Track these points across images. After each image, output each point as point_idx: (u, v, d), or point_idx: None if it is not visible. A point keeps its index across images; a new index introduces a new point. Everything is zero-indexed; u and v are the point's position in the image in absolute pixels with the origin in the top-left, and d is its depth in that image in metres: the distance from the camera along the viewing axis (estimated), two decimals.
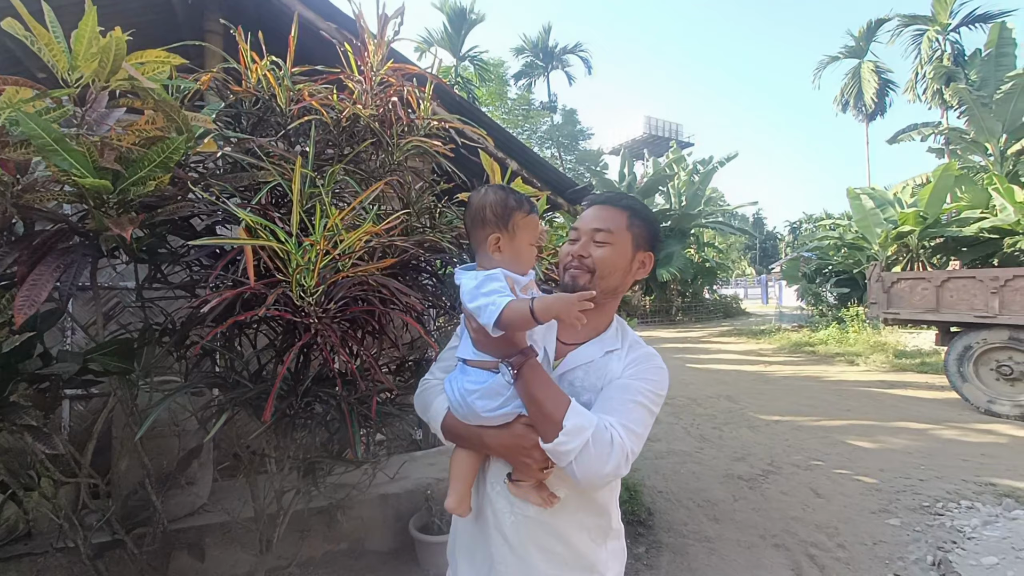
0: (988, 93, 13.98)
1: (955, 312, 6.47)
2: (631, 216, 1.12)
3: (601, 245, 1.09)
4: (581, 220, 1.15)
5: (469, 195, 1.06)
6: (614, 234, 1.09)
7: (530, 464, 0.98)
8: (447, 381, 1.09)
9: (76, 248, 1.26)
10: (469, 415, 1.01)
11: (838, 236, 16.08)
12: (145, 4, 3.59)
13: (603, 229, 1.09)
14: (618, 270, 1.10)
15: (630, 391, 1.01)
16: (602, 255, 1.08)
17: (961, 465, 4.45)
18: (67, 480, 1.79)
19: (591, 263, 1.08)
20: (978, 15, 23.13)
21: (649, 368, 1.06)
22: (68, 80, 1.14)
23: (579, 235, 1.12)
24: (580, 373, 1.07)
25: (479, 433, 1.02)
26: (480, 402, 1.00)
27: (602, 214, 1.12)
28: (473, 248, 1.07)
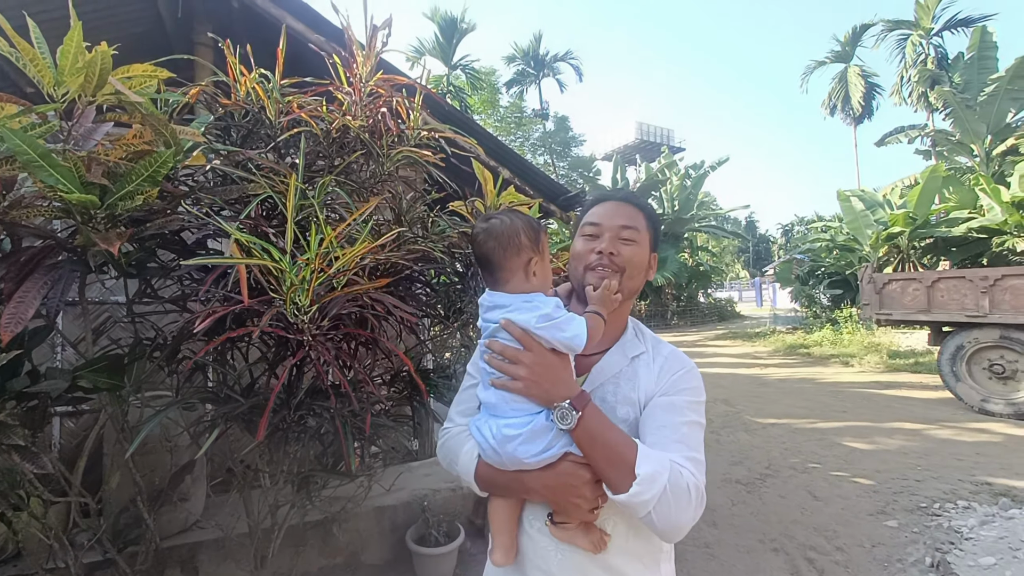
0: (972, 95, 14.23)
1: (946, 312, 6.53)
2: (647, 216, 1.06)
3: (628, 243, 1.01)
4: (601, 216, 1.04)
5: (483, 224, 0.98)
6: (640, 232, 1.02)
7: (580, 504, 0.87)
8: (473, 427, 0.97)
9: (64, 264, 1.25)
10: (508, 461, 0.90)
11: (830, 238, 16.23)
12: (134, 18, 3.59)
13: (630, 226, 1.02)
14: (642, 270, 1.04)
15: (678, 411, 0.92)
16: (631, 253, 1.01)
17: (957, 465, 4.47)
18: (57, 499, 1.76)
19: (620, 261, 1.00)
20: (960, 19, 23.56)
21: (684, 375, 0.98)
22: (54, 95, 1.13)
23: (601, 231, 1.03)
24: (611, 387, 0.98)
25: (519, 478, 0.90)
26: (523, 448, 0.88)
27: (626, 211, 1.04)
28: (497, 277, 0.98)
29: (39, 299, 1.12)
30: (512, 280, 0.97)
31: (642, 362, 1.01)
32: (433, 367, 2.58)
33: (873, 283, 7.43)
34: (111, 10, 3.47)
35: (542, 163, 28.71)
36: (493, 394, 0.94)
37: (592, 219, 1.05)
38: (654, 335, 1.09)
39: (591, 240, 1.03)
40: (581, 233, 1.06)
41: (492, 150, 3.86)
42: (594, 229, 1.04)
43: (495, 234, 0.97)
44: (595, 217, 1.05)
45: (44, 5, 2.90)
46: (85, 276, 1.42)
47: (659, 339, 1.07)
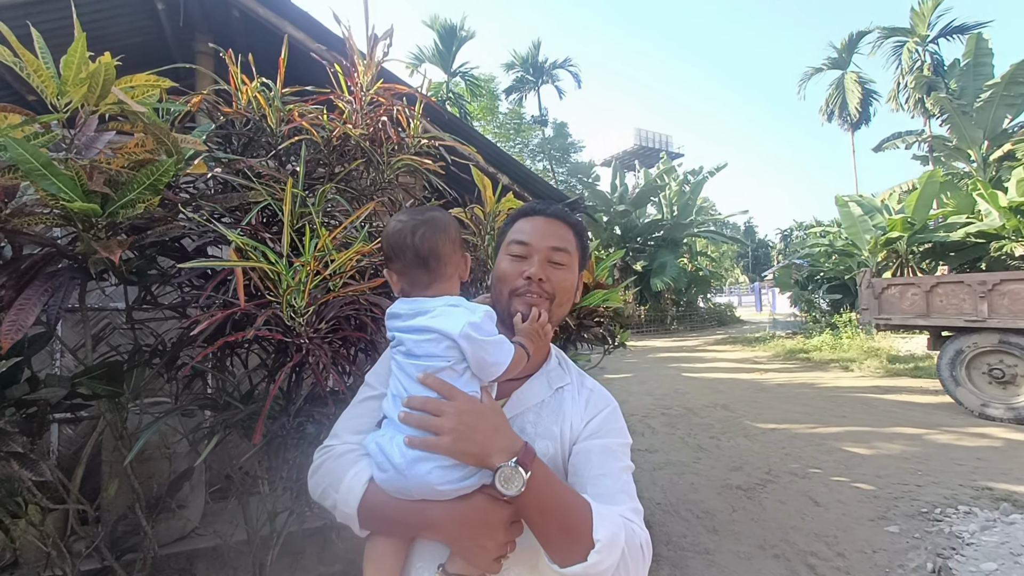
0: (968, 101, 14.34)
1: (945, 317, 6.54)
2: (576, 235, 0.97)
3: (558, 267, 0.92)
4: (531, 234, 0.93)
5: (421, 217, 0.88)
6: (571, 255, 0.94)
7: (487, 549, 0.73)
8: (372, 443, 0.80)
9: (64, 271, 1.26)
10: (414, 487, 0.74)
11: (828, 243, 16.27)
12: (135, 27, 3.62)
13: (561, 248, 0.92)
14: (571, 296, 0.96)
15: (614, 455, 0.84)
16: (561, 278, 0.92)
17: (957, 470, 4.46)
18: (55, 507, 1.75)
19: (551, 288, 0.90)
20: (955, 27, 23.78)
21: (611, 414, 0.90)
22: (57, 105, 1.15)
23: (530, 252, 0.92)
24: (532, 417, 0.89)
25: (420, 509, 0.75)
26: (440, 472, 0.73)
27: (558, 230, 0.94)
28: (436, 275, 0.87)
29: (39, 306, 1.12)
30: (444, 281, 0.88)
31: (567, 394, 0.91)
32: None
33: (872, 288, 7.45)
34: (113, 20, 3.50)
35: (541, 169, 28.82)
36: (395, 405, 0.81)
37: (520, 236, 0.94)
38: (577, 367, 1.00)
39: (518, 261, 0.92)
40: (507, 251, 0.95)
41: (491, 157, 3.88)
42: (522, 249, 0.93)
43: (440, 226, 0.88)
44: (524, 235, 0.94)
45: (48, 15, 2.93)
46: (85, 283, 1.42)
47: (582, 372, 0.99)
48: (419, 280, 0.87)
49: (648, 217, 22.18)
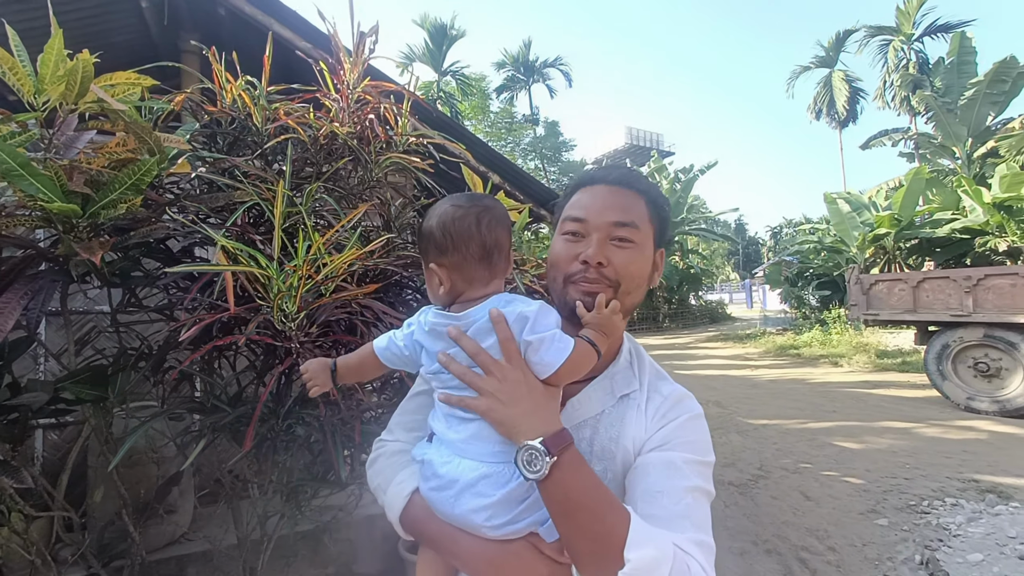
0: (952, 99, 14.56)
1: (931, 312, 6.63)
2: (649, 203, 0.79)
3: (624, 246, 0.75)
4: (588, 207, 0.77)
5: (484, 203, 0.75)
6: (640, 230, 0.76)
7: None
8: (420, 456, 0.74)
9: (45, 274, 1.23)
10: (454, 517, 0.68)
11: (817, 240, 16.44)
12: (119, 25, 3.56)
13: (626, 223, 0.75)
14: (644, 280, 0.78)
15: (679, 472, 0.68)
16: (627, 260, 0.74)
17: (944, 463, 4.53)
18: (39, 514, 1.72)
19: (613, 273, 0.74)
20: (940, 25, 24.14)
21: (689, 423, 0.74)
22: (35, 104, 1.12)
23: (588, 229, 0.76)
24: (588, 432, 0.75)
25: (454, 539, 0.68)
26: (485, 513, 0.66)
27: (622, 200, 0.77)
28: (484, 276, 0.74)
29: (19, 310, 1.10)
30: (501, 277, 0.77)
31: (632, 403, 0.76)
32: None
33: (860, 284, 7.53)
34: (96, 18, 3.44)
35: (533, 168, 28.82)
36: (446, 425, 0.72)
37: (576, 212, 0.78)
38: (655, 365, 0.83)
39: (574, 241, 0.77)
40: (562, 229, 0.80)
41: (482, 155, 3.87)
42: (578, 226, 0.77)
43: (502, 216, 0.75)
44: (580, 209, 0.78)
45: (26, 14, 2.87)
46: (67, 286, 1.40)
47: (661, 371, 0.82)
48: (478, 276, 0.74)
49: None
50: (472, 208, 0.74)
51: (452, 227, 0.73)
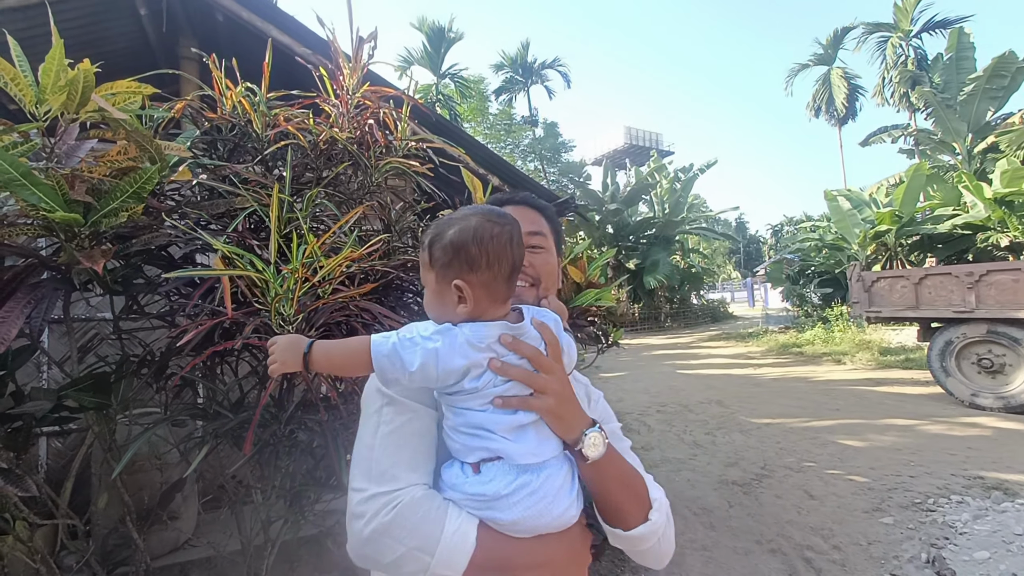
0: (952, 95, 14.53)
1: (934, 308, 6.61)
2: (548, 219, 0.96)
3: (537, 251, 0.89)
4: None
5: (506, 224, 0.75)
6: (546, 238, 0.92)
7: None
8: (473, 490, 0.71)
9: (47, 282, 1.24)
10: (552, 522, 0.71)
11: (818, 237, 16.41)
12: (118, 33, 3.58)
13: (537, 232, 0.90)
14: (556, 278, 0.93)
15: (620, 438, 0.89)
16: (542, 262, 0.89)
17: (949, 460, 4.51)
18: (43, 522, 1.72)
19: (534, 273, 0.88)
20: (937, 21, 24.14)
21: (604, 403, 0.96)
22: (36, 113, 1.13)
23: None
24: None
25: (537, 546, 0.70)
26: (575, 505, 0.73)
27: (527, 215, 0.92)
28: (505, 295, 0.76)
29: (22, 319, 1.10)
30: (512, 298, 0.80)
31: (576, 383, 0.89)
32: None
33: (862, 281, 7.52)
34: (95, 27, 3.46)
35: (532, 169, 28.84)
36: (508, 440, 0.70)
37: None
38: None
39: None
40: None
41: (481, 158, 3.88)
42: None
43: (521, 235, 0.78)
44: None
45: (26, 23, 2.89)
46: (70, 294, 1.40)
47: None
48: (502, 295, 0.74)
49: (640, 215, 22.25)
50: (507, 226, 0.75)
51: (490, 244, 0.71)
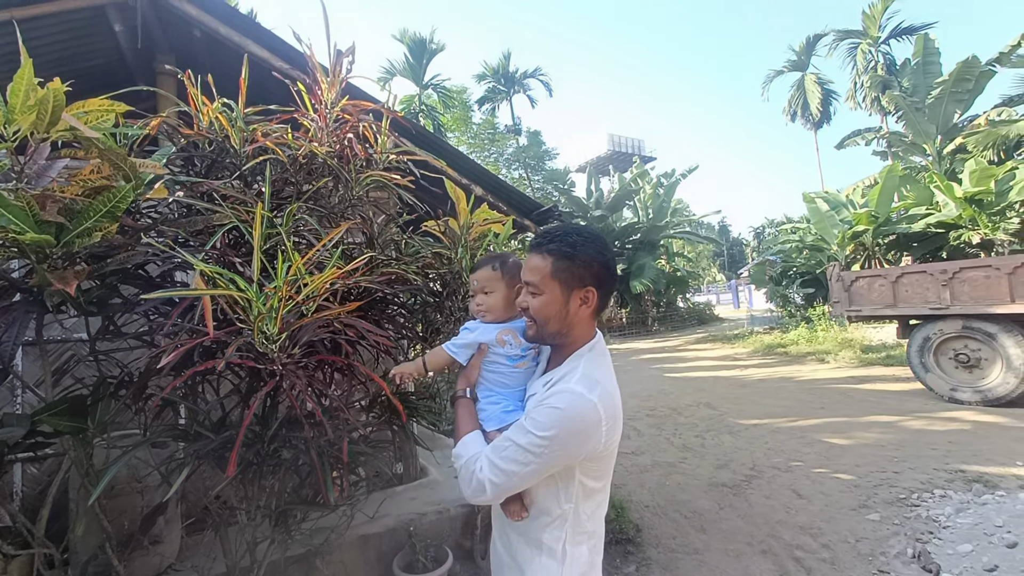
0: (920, 98, 15.01)
1: (911, 306, 6.78)
2: (556, 261, 1.10)
3: (533, 296, 1.13)
4: (522, 270, 1.20)
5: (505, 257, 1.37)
6: (539, 285, 1.12)
7: None
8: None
9: (19, 305, 1.21)
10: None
11: (799, 239, 16.73)
12: (93, 50, 3.53)
13: (531, 282, 1.13)
14: (553, 316, 1.12)
15: (514, 429, 1.08)
16: (537, 306, 1.13)
17: (931, 454, 4.60)
18: (18, 552, 1.67)
19: (532, 313, 1.14)
20: (904, 28, 24.97)
21: (542, 408, 1.06)
22: (4, 134, 1.10)
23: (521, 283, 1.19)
24: (530, 404, 1.16)
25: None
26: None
27: (530, 263, 1.14)
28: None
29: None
30: None
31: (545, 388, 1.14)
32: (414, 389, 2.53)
33: (841, 281, 7.67)
34: (68, 43, 3.41)
35: (517, 178, 28.95)
36: None
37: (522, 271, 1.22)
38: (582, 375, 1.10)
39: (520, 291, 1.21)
40: None
41: (463, 168, 3.89)
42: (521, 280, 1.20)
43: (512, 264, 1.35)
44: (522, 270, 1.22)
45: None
46: (43, 316, 1.37)
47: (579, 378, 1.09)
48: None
49: (624, 221, 22.46)
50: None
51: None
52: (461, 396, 1.24)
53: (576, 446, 1.04)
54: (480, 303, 1.33)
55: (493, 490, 1.06)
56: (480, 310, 1.33)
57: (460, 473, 1.12)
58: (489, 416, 1.22)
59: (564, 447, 1.03)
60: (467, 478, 1.09)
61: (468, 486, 1.09)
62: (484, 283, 1.33)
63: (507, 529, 1.21)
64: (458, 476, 1.12)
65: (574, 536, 1.13)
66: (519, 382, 1.28)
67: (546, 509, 1.13)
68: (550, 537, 1.12)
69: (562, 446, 1.02)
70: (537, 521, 1.14)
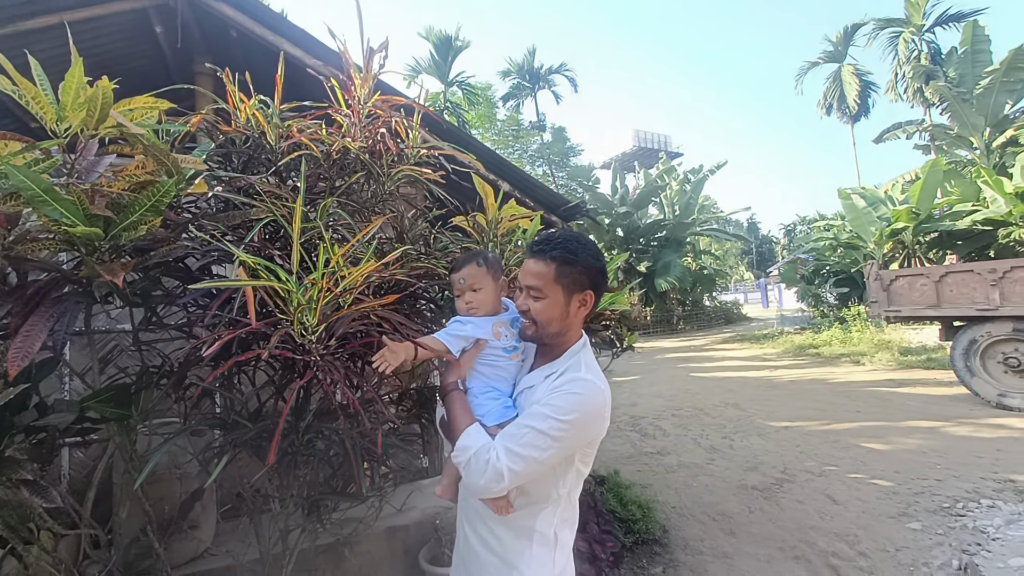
0: (968, 89, 14.24)
1: (956, 306, 6.45)
2: (559, 267, 1.16)
3: (535, 299, 1.17)
4: (521, 272, 1.21)
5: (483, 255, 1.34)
6: (543, 289, 1.16)
7: None
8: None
9: (69, 296, 1.26)
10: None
11: (833, 236, 16.16)
12: (135, 51, 3.66)
13: (533, 286, 1.17)
14: (555, 319, 1.18)
15: (529, 416, 1.10)
16: (539, 308, 1.17)
17: (977, 462, 4.38)
18: (67, 532, 1.75)
19: (532, 316, 1.18)
20: (951, 15, 23.73)
21: (560, 393, 1.09)
22: (57, 131, 1.15)
23: (521, 286, 1.21)
24: (522, 397, 1.20)
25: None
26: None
27: (533, 268, 1.18)
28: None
29: (45, 332, 1.12)
30: None
31: (549, 380, 1.17)
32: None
33: (880, 280, 7.37)
34: (112, 45, 3.55)
35: (541, 174, 28.86)
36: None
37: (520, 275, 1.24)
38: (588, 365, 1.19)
39: (518, 294, 1.23)
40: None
41: (491, 164, 3.88)
42: (519, 283, 1.23)
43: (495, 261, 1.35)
44: (520, 274, 1.24)
45: (47, 43, 2.97)
46: (91, 307, 1.42)
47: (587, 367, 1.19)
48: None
49: (650, 218, 22.11)
50: None
51: None
52: (454, 388, 1.21)
53: (591, 429, 1.12)
54: (470, 300, 1.32)
55: (511, 477, 1.05)
56: (471, 307, 1.31)
57: (469, 465, 1.08)
58: (489, 411, 1.20)
59: (582, 430, 1.10)
60: (479, 468, 1.06)
61: (481, 476, 1.06)
62: (473, 280, 1.32)
63: (491, 525, 1.19)
64: (465, 469, 1.09)
65: (563, 521, 1.21)
66: (512, 375, 1.29)
67: (543, 495, 1.16)
68: (543, 523, 1.17)
69: (580, 429, 1.09)
70: (528, 509, 1.16)
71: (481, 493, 1.09)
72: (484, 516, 1.20)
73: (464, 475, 1.10)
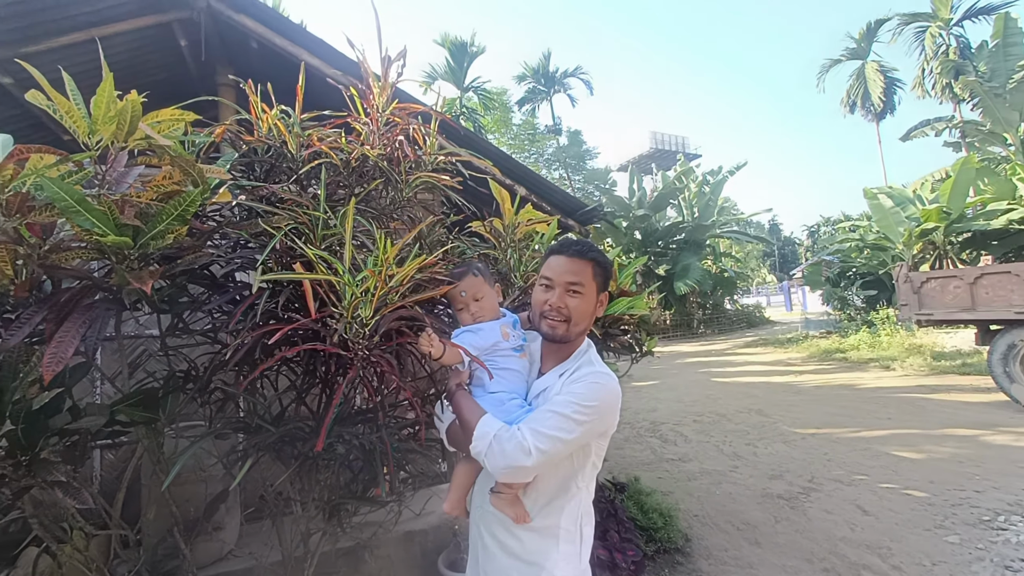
0: (1000, 83, 13.75)
1: (993, 309, 6.20)
2: (595, 266, 1.24)
3: (574, 296, 1.21)
4: (554, 271, 1.24)
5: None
6: (585, 286, 1.22)
7: None
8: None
9: (100, 303, 1.29)
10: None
11: (859, 237, 15.73)
12: (160, 64, 3.79)
13: (576, 283, 1.22)
14: (588, 316, 1.25)
15: (551, 403, 1.14)
16: (577, 305, 1.22)
17: (1019, 473, 4.18)
18: (98, 532, 1.80)
19: (568, 313, 1.21)
20: (980, 8, 22.96)
21: (581, 383, 1.15)
22: (89, 143, 1.19)
23: (553, 284, 1.23)
24: (540, 400, 1.22)
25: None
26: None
27: (573, 267, 1.23)
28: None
29: (78, 338, 1.15)
30: None
31: (563, 378, 1.22)
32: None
33: (910, 282, 7.14)
34: (139, 58, 3.67)
35: (557, 178, 28.83)
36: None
37: (547, 272, 1.27)
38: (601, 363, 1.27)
39: (545, 291, 1.25)
40: (539, 282, 1.29)
41: (507, 169, 3.89)
42: (547, 282, 1.25)
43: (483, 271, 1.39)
44: (549, 271, 1.26)
45: (78, 58, 3.09)
46: (121, 313, 1.46)
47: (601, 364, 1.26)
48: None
49: (668, 220, 21.86)
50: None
51: None
52: (459, 389, 1.26)
53: (608, 418, 1.17)
54: (475, 310, 1.35)
55: (538, 456, 1.06)
56: (477, 316, 1.34)
57: (491, 447, 1.08)
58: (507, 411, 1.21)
59: (602, 417, 1.15)
60: (503, 447, 1.07)
61: (503, 457, 1.07)
62: (474, 291, 1.36)
63: (511, 528, 1.20)
64: (488, 453, 1.09)
65: (586, 515, 1.24)
66: (524, 374, 1.32)
67: (563, 491, 1.20)
68: (568, 519, 1.20)
69: (601, 416, 1.14)
70: (550, 507, 1.19)
71: (506, 471, 1.08)
72: (502, 519, 1.21)
73: (488, 460, 1.09)
